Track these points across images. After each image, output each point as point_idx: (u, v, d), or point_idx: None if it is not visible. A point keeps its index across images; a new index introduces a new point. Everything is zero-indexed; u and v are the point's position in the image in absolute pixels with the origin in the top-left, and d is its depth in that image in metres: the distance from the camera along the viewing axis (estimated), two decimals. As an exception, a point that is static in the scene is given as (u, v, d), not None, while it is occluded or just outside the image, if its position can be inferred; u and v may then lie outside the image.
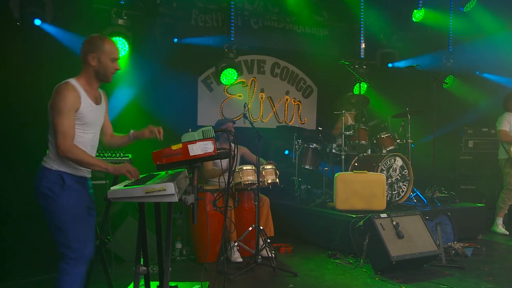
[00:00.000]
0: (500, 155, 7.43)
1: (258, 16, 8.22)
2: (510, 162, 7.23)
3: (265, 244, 5.32)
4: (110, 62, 3.21)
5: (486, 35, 8.76)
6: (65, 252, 3.06)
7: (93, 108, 3.22)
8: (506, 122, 7.32)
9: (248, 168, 5.55)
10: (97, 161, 3.10)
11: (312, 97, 8.92)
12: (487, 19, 8.57)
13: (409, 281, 4.75)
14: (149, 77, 6.75)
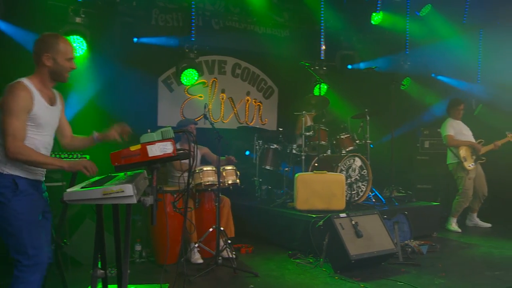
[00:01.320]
0: (450, 160, 7.62)
1: (219, 17, 8.20)
2: (461, 166, 7.42)
3: (225, 245, 5.31)
4: (66, 61, 3.13)
5: (440, 39, 9.03)
6: (20, 259, 2.94)
7: (47, 109, 3.12)
8: (450, 127, 7.53)
9: (208, 169, 5.53)
10: (51, 160, 3.01)
11: (273, 98, 8.97)
12: (441, 24, 8.84)
13: (367, 279, 4.83)
14: (108, 77, 6.62)
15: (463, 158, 7.37)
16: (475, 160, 7.43)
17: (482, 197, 7.61)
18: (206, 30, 7.95)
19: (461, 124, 7.65)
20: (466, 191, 7.41)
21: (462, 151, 7.40)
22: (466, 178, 7.40)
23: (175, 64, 7.36)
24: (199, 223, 5.57)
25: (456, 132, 7.52)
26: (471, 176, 7.41)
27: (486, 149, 7.47)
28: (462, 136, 7.51)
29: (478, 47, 9.34)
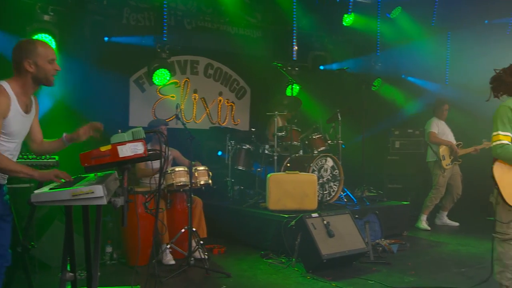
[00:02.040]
0: (429, 158, 7.76)
1: (192, 17, 8.16)
2: (438, 164, 7.57)
3: (198, 245, 5.29)
4: (48, 64, 3.04)
5: (410, 40, 9.19)
6: None
7: (22, 118, 3.03)
8: (435, 125, 7.68)
9: (180, 169, 5.49)
10: (21, 167, 2.92)
11: (245, 98, 8.97)
12: (410, 26, 9.00)
13: (339, 278, 4.88)
14: (77, 77, 6.50)
15: (442, 157, 7.53)
16: (452, 161, 7.60)
17: (456, 196, 7.78)
18: (179, 30, 7.90)
19: (444, 125, 7.79)
20: (439, 188, 7.59)
21: (441, 150, 7.55)
22: (441, 175, 7.56)
23: (147, 64, 7.28)
24: (171, 224, 5.54)
25: (440, 132, 7.67)
26: (446, 175, 7.57)
27: (465, 152, 7.63)
28: (444, 137, 7.67)
29: (446, 49, 9.54)
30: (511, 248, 3.66)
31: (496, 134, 3.65)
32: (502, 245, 3.69)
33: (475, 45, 8.60)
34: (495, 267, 3.75)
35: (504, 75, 3.80)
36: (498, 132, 3.65)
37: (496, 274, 3.75)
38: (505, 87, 3.80)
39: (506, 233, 3.68)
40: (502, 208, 3.68)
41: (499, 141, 3.63)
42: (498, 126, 3.66)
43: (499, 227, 3.70)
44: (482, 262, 5.46)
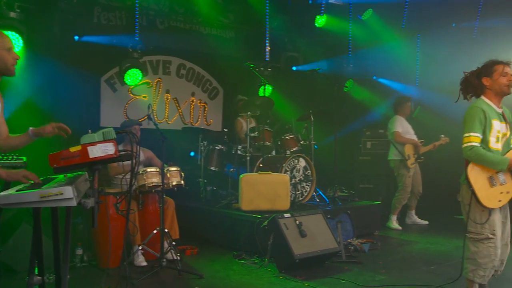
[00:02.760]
0: (392, 156, 7.81)
1: (164, 16, 8.09)
2: (403, 163, 7.64)
3: (170, 246, 5.25)
4: (6, 53, 2.97)
5: (381, 42, 9.32)
6: None
7: None
8: (399, 124, 7.73)
9: (152, 170, 5.45)
10: None
11: (218, 99, 8.95)
12: (381, 28, 9.13)
13: (311, 278, 4.91)
14: (47, 76, 6.36)
15: (407, 156, 7.59)
16: (416, 159, 7.71)
17: (418, 194, 7.91)
18: (151, 30, 7.82)
19: (407, 123, 7.84)
20: (406, 188, 7.67)
21: (406, 149, 7.61)
22: (407, 175, 7.64)
23: (118, 64, 7.20)
24: (143, 225, 5.49)
25: (404, 130, 7.70)
26: (410, 174, 7.67)
27: (426, 149, 7.75)
28: (408, 135, 7.73)
29: (416, 51, 9.72)
30: (484, 247, 3.75)
31: (468, 136, 3.72)
32: (476, 245, 3.77)
33: (443, 48, 8.79)
34: (468, 266, 3.83)
35: (471, 77, 3.91)
36: (470, 133, 3.72)
37: (468, 272, 3.82)
38: (472, 89, 3.91)
39: (480, 232, 3.75)
40: (475, 209, 3.75)
41: (469, 143, 3.70)
42: (470, 127, 3.73)
43: (473, 227, 3.77)
44: (450, 260, 5.59)
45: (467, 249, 3.84)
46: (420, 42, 9.59)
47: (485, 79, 3.87)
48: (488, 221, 3.73)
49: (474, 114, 3.76)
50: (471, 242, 3.81)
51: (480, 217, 3.75)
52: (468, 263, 3.83)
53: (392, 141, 7.76)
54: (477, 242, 3.77)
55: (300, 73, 9.32)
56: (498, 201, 3.75)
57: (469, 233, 3.80)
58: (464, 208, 3.86)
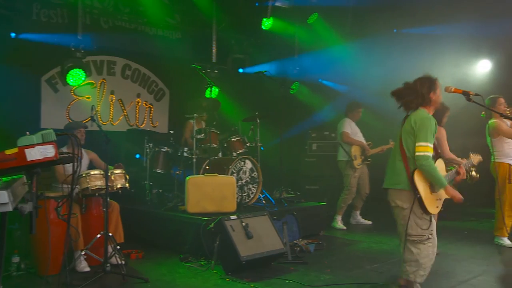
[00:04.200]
0: (340, 157, 7.99)
1: (108, 15, 7.93)
2: (350, 164, 7.82)
3: (114, 251, 5.14)
4: None
5: (326, 46, 9.51)
6: None
7: None
8: (348, 125, 7.92)
9: (96, 172, 5.31)
10: None
11: (164, 100, 8.85)
12: (326, 32, 9.32)
13: (258, 279, 4.93)
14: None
15: (353, 157, 7.77)
16: (363, 160, 7.90)
17: (364, 195, 8.11)
18: (94, 29, 7.64)
19: (356, 126, 8.02)
20: (351, 188, 7.85)
21: (353, 150, 7.79)
22: (352, 175, 7.82)
23: (60, 63, 6.98)
24: (86, 229, 5.34)
25: (352, 132, 7.88)
26: (356, 175, 7.85)
27: (374, 151, 7.97)
28: (355, 137, 7.91)
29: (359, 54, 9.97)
30: (425, 247, 3.90)
31: (425, 146, 3.81)
32: (417, 246, 3.90)
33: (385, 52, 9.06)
34: (409, 268, 3.95)
35: (423, 89, 3.99)
36: (427, 143, 3.82)
37: (409, 274, 3.94)
38: (420, 100, 4.00)
39: (422, 234, 3.89)
40: (417, 213, 3.88)
41: (427, 152, 3.81)
42: (425, 137, 3.83)
43: (414, 230, 3.89)
44: (393, 258, 5.76)
45: (408, 252, 3.95)
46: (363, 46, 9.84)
47: (432, 93, 4.00)
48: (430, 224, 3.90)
49: (429, 125, 3.87)
50: (412, 245, 3.93)
51: (421, 222, 3.89)
52: (409, 265, 3.95)
53: (340, 141, 7.93)
54: (418, 243, 3.91)
55: (246, 75, 9.37)
56: (436, 207, 3.97)
57: (410, 236, 3.91)
58: (401, 212, 3.97)
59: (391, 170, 4.10)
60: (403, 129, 4.04)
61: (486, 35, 8.47)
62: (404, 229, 3.92)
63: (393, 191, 4.03)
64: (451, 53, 8.60)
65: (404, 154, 3.97)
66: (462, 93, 4.20)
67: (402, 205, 3.96)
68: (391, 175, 4.10)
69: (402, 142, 4.00)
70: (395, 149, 4.16)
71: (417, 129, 3.89)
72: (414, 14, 8.96)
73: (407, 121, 4.03)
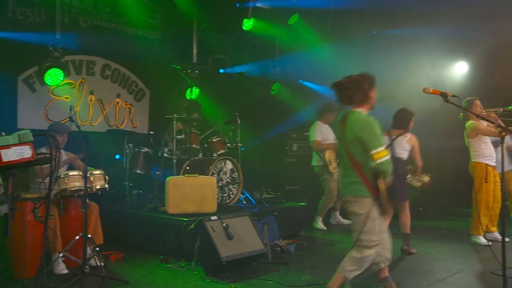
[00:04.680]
0: (315, 162, 7.97)
1: (87, 15, 7.85)
2: (326, 168, 7.82)
3: (93, 252, 5.08)
4: None
5: (307, 47, 9.55)
6: None
7: None
8: (318, 132, 7.81)
9: (74, 173, 5.26)
10: None
11: (144, 101, 8.80)
12: (307, 33, 9.37)
13: (238, 280, 4.94)
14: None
15: (328, 161, 7.76)
16: (338, 164, 7.91)
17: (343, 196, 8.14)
18: (73, 28, 7.57)
19: (327, 129, 7.95)
20: (331, 192, 7.83)
21: (327, 155, 7.77)
22: (331, 180, 7.81)
23: (37, 63, 6.89)
24: (64, 231, 5.27)
25: (323, 138, 7.82)
26: (335, 178, 7.84)
27: None
28: (327, 141, 7.84)
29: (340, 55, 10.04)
30: (372, 252, 3.94)
31: (382, 151, 3.76)
32: (363, 251, 3.92)
33: (365, 53, 9.14)
34: (347, 266, 3.97)
35: (365, 85, 3.97)
36: (383, 147, 3.79)
37: (345, 271, 3.97)
38: (360, 97, 3.97)
39: (371, 240, 3.91)
40: (372, 218, 3.88)
41: (386, 156, 3.77)
42: (379, 142, 3.79)
43: (366, 236, 3.89)
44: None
45: (356, 252, 3.96)
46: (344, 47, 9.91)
47: (372, 91, 4.01)
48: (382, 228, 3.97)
49: (374, 128, 3.82)
50: (359, 249, 3.94)
51: (374, 226, 3.90)
52: (348, 263, 3.98)
53: (313, 149, 7.91)
54: (366, 248, 3.92)
55: (227, 75, 9.37)
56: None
57: (360, 241, 3.92)
58: (355, 218, 3.96)
59: (347, 179, 4.03)
60: (347, 139, 3.94)
61: (463, 37, 8.60)
62: (357, 234, 3.92)
63: (349, 197, 4.02)
64: (429, 54, 8.71)
65: (356, 164, 3.90)
66: (440, 94, 4.25)
67: (357, 211, 3.93)
68: (347, 182, 4.03)
69: (351, 152, 3.92)
70: (344, 157, 4.07)
71: (363, 136, 3.82)
72: (394, 16, 9.05)
73: (349, 129, 3.94)
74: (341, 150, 4.12)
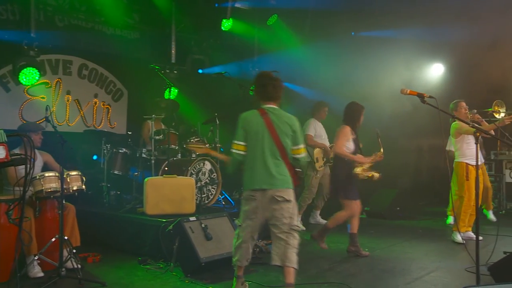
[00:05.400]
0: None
1: (64, 13, 7.75)
2: (312, 165, 7.84)
3: (70, 255, 5.01)
4: None
5: (286, 47, 9.58)
6: None
7: None
8: (312, 127, 7.86)
9: (50, 174, 5.17)
10: None
11: (122, 101, 8.72)
12: (286, 34, 9.40)
13: (217, 281, 4.93)
14: None
15: (315, 159, 7.80)
16: (325, 163, 7.96)
17: (326, 195, 8.16)
18: (49, 27, 7.46)
19: (321, 127, 7.99)
20: (311, 189, 7.88)
21: (316, 152, 7.80)
22: (313, 176, 7.85)
23: (11, 62, 6.77)
24: (40, 233, 5.17)
25: (316, 134, 7.86)
26: (318, 176, 7.89)
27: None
28: (319, 139, 7.90)
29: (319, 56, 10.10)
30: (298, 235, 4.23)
31: (304, 147, 4.21)
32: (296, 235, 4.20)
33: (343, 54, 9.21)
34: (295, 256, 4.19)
35: (281, 83, 4.38)
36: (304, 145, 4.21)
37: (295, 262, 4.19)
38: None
39: (298, 224, 4.29)
40: (295, 205, 4.23)
41: (305, 153, 4.24)
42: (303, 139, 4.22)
43: (295, 221, 4.21)
44: (349, 257, 5.87)
45: (294, 239, 4.18)
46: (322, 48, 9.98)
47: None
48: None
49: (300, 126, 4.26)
50: (294, 234, 4.18)
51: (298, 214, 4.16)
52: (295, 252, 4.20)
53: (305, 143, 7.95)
54: (296, 232, 4.19)
55: (206, 76, 9.34)
56: None
57: (294, 226, 4.18)
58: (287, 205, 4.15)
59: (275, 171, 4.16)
60: (278, 129, 4.18)
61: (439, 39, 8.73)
62: (288, 221, 4.14)
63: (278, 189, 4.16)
64: (406, 56, 8.82)
65: (285, 155, 4.16)
66: (417, 95, 4.31)
67: (289, 198, 4.16)
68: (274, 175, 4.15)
69: (282, 142, 4.15)
70: (265, 148, 4.20)
71: (294, 131, 4.19)
72: (371, 17, 9.15)
73: (282, 122, 4.22)
74: (264, 141, 4.22)
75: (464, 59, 8.76)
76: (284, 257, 4.13)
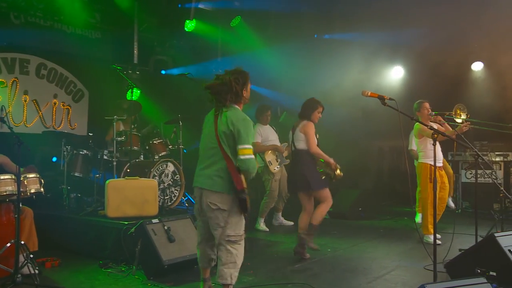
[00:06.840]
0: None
1: (20, 10, 7.55)
2: (267, 169, 7.84)
3: (26, 260, 4.85)
4: None
5: (249, 49, 9.61)
6: None
7: None
8: (258, 135, 7.78)
9: (6, 177, 5.00)
10: None
11: (83, 102, 8.55)
12: (249, 36, 9.42)
13: (180, 283, 4.89)
14: None
15: (268, 162, 7.79)
16: (279, 163, 7.98)
17: (286, 196, 8.20)
18: (3, 24, 7.27)
19: (268, 129, 7.97)
20: (272, 192, 7.87)
21: (267, 156, 7.79)
22: (272, 180, 7.84)
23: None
24: (-5, 238, 5.02)
25: (263, 139, 7.82)
26: (277, 178, 7.89)
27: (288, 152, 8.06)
28: (268, 142, 7.87)
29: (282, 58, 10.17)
30: (241, 246, 3.98)
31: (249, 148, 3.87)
32: (235, 247, 3.93)
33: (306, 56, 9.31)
34: (227, 271, 3.92)
35: (236, 85, 4.01)
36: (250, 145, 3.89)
37: (228, 277, 3.92)
38: (232, 96, 4.02)
39: (239, 234, 3.94)
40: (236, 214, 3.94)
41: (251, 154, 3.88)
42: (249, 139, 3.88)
43: (232, 231, 3.91)
44: (313, 257, 5.92)
45: (227, 253, 3.91)
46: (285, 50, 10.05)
47: (245, 90, 4.10)
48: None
49: (249, 126, 3.90)
50: (231, 246, 3.93)
51: (240, 222, 3.97)
52: (227, 268, 3.92)
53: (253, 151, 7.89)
54: (235, 244, 3.94)
55: (169, 77, 9.28)
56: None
57: (228, 237, 3.91)
58: (221, 214, 3.89)
59: (211, 171, 4.01)
60: (219, 130, 3.96)
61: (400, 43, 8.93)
62: (221, 232, 3.90)
63: (212, 193, 3.94)
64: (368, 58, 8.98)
65: (227, 156, 3.91)
66: (378, 97, 4.38)
67: (222, 207, 3.89)
68: (209, 176, 4.00)
69: (221, 144, 3.93)
70: (207, 149, 4.11)
71: (236, 131, 3.85)
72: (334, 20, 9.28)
73: (221, 121, 3.95)
74: (208, 141, 4.12)
75: (423, 62, 8.98)
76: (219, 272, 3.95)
